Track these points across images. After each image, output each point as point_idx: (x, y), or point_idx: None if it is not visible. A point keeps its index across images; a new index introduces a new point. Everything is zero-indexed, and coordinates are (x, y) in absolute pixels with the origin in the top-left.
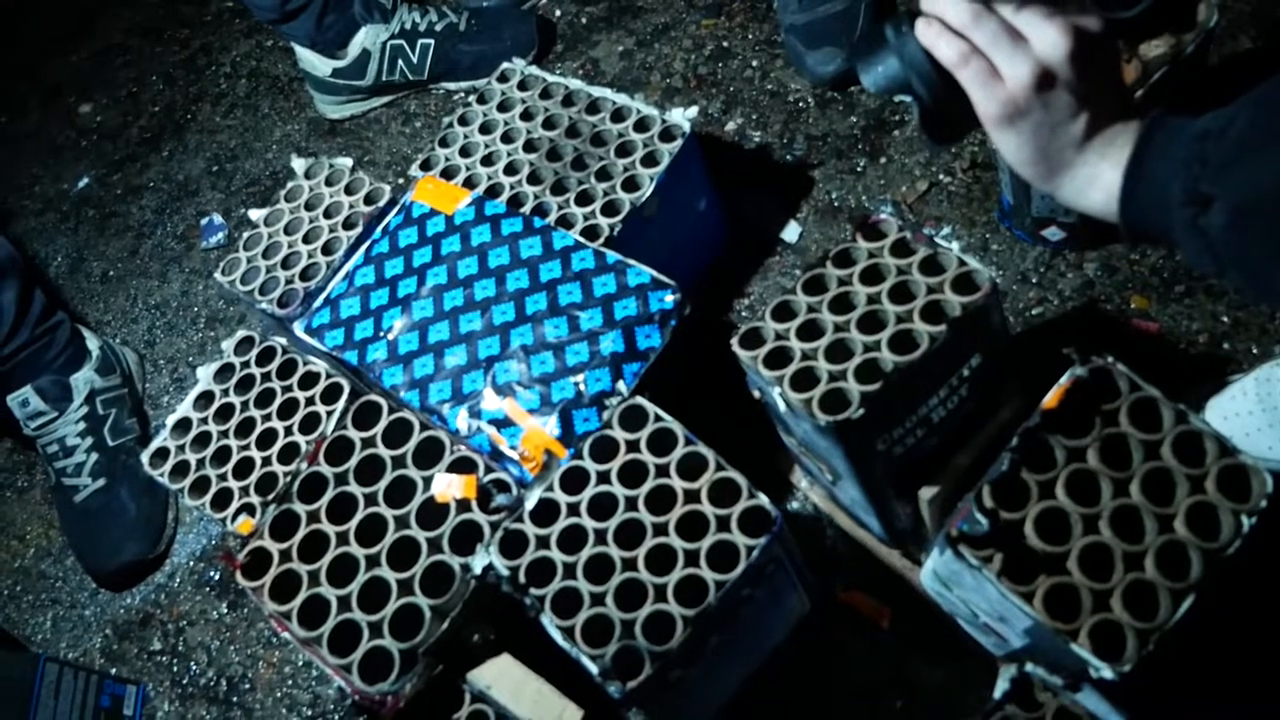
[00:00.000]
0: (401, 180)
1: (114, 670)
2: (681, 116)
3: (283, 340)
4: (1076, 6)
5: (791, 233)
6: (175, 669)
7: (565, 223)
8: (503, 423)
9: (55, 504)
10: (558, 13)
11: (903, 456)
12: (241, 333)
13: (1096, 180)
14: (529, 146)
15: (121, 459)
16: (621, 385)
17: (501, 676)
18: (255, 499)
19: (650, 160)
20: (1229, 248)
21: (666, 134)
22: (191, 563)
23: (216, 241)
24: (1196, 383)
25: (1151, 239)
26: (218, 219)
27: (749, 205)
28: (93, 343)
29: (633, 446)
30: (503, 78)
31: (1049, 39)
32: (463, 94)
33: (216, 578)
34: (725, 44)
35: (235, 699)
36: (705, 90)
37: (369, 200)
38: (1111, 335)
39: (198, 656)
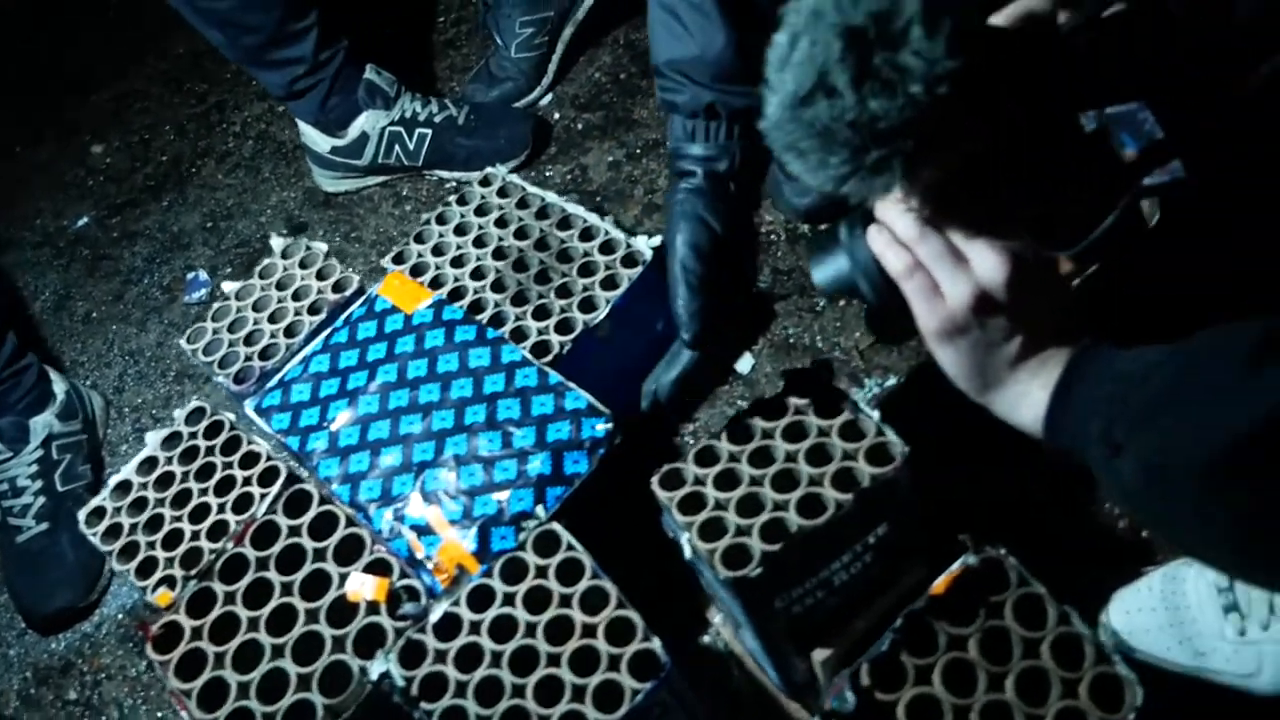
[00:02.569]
0: (382, 262)
1: (26, 719)
2: (645, 244)
3: (233, 416)
4: (1019, 235)
5: (745, 364)
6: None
7: (520, 334)
8: (424, 530)
9: None
10: (556, 115)
11: (802, 615)
12: (194, 403)
13: (1026, 399)
14: (498, 253)
15: (68, 505)
16: (541, 509)
17: None
18: (178, 572)
19: (610, 283)
20: (1137, 495)
21: (629, 259)
22: (120, 615)
23: (198, 298)
24: (1111, 570)
25: (1073, 464)
26: (203, 275)
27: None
28: (59, 386)
29: (541, 572)
30: (485, 181)
31: (988, 264)
32: (455, 182)
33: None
34: None
35: None
36: None
37: (337, 288)
38: (1036, 513)
39: (110, 712)
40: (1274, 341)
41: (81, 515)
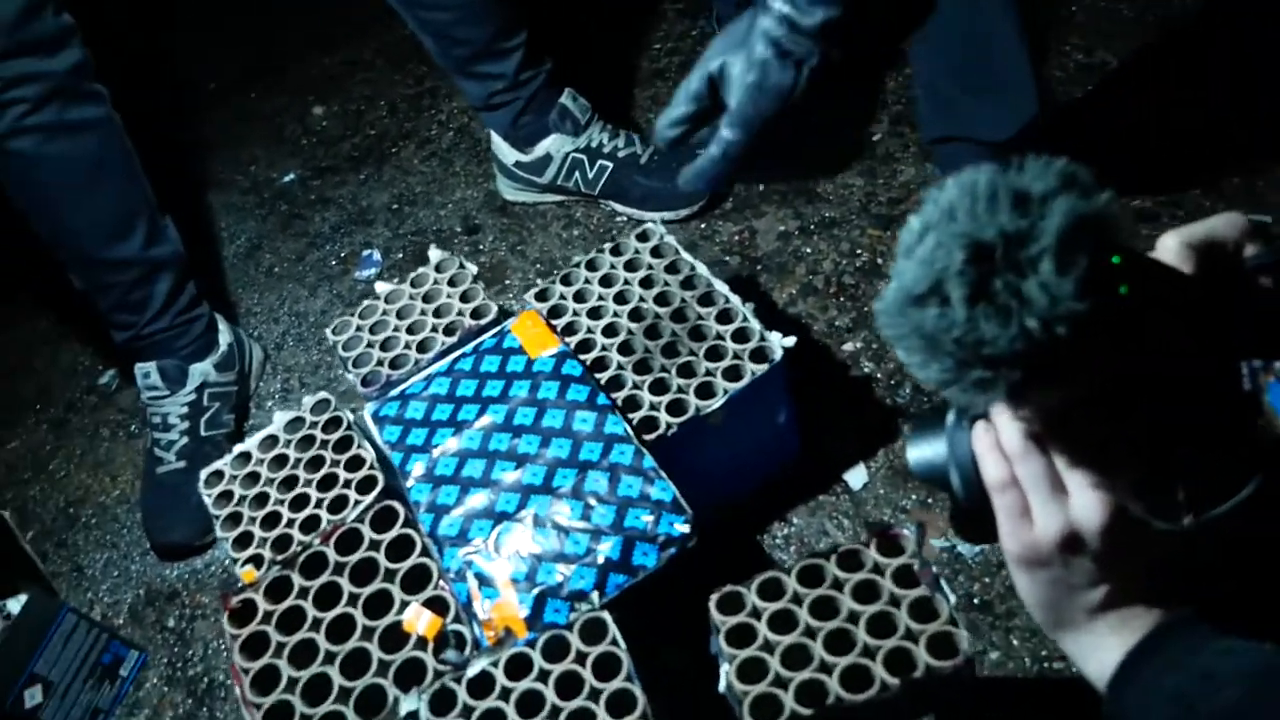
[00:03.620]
0: (526, 296)
1: (128, 631)
2: (779, 341)
3: (352, 414)
4: (1129, 489)
5: (857, 478)
6: (175, 650)
7: (633, 403)
8: (486, 581)
9: (145, 464)
10: None
11: None
12: (321, 394)
13: (1097, 653)
14: (635, 314)
15: (206, 450)
16: (596, 595)
17: None
18: (268, 553)
19: (733, 374)
20: None
21: (758, 353)
22: (228, 561)
23: (367, 276)
24: None
25: None
26: (376, 255)
27: (829, 432)
28: (224, 337)
29: (581, 659)
30: (643, 236)
31: (1087, 506)
32: (627, 217)
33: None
34: (880, 260)
35: (208, 702)
36: (841, 300)
37: (476, 314)
38: None
39: (196, 649)
40: None
41: (203, 474)
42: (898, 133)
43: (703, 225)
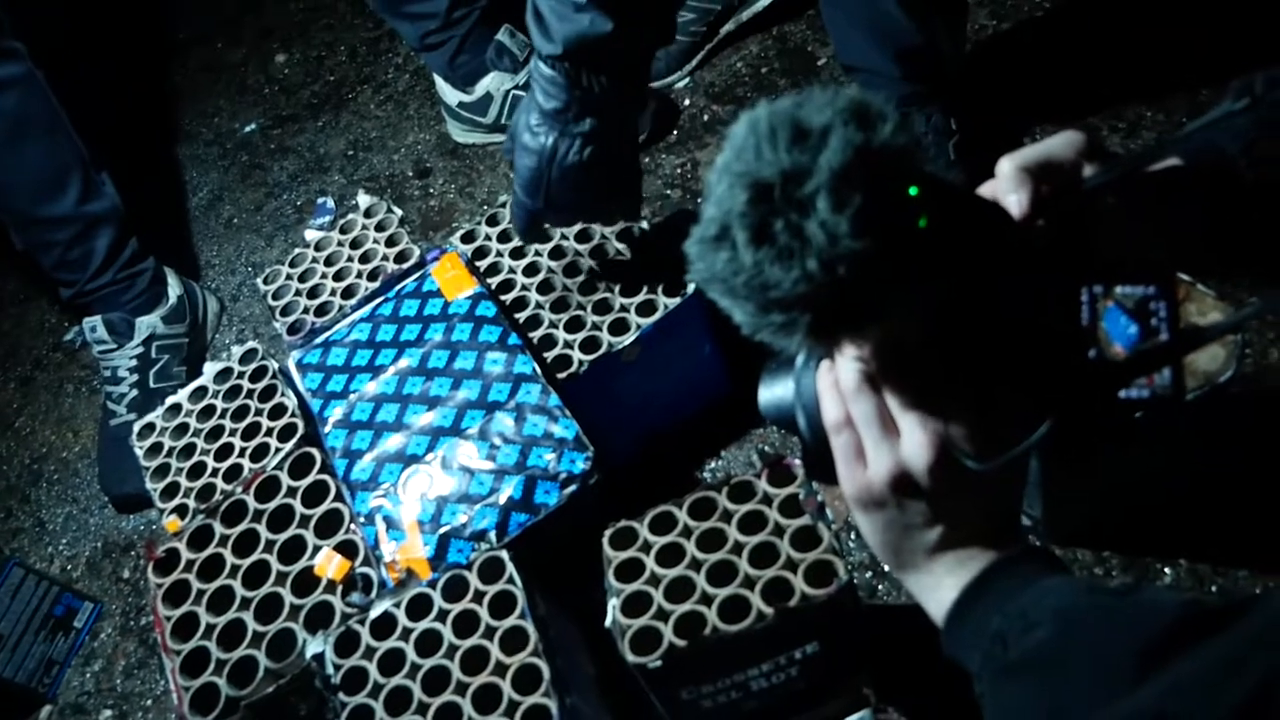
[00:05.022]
0: (453, 239)
1: (85, 584)
2: None
3: (277, 364)
4: (955, 429)
5: None
6: (129, 601)
7: (549, 341)
8: (394, 523)
9: (100, 417)
10: (686, 101)
11: (713, 711)
12: (250, 344)
13: (935, 593)
14: (556, 252)
15: (156, 402)
16: (493, 536)
17: None
18: (192, 503)
19: (647, 308)
20: None
21: (673, 287)
22: None
23: (320, 225)
24: None
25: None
26: (330, 203)
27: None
28: (174, 290)
29: (478, 597)
30: None
31: (915, 445)
32: None
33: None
34: None
35: (159, 650)
36: None
37: (400, 258)
38: None
39: (148, 599)
40: (1167, 646)
41: (136, 427)
42: None
43: (646, 159)
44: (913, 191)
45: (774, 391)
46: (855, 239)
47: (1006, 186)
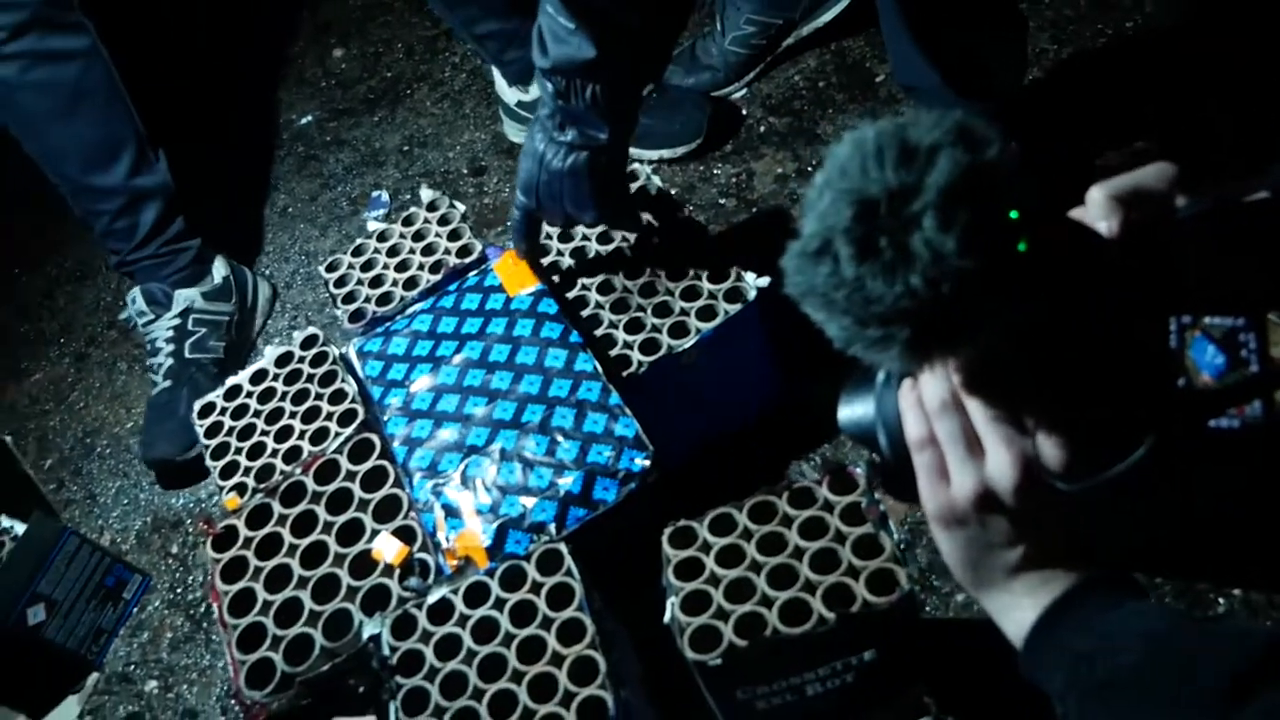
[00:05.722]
0: None
1: (134, 556)
2: (753, 281)
3: (338, 350)
4: (1044, 449)
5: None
6: (176, 576)
7: (609, 341)
8: (452, 511)
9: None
10: (743, 112)
11: (766, 713)
12: (310, 329)
13: (1014, 612)
14: (616, 255)
15: (191, 371)
16: (553, 528)
17: None
18: (251, 482)
19: (706, 314)
20: None
21: (733, 293)
22: None
23: (375, 217)
24: None
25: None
26: (384, 196)
27: (811, 374)
28: (220, 271)
29: (536, 588)
30: (631, 176)
31: (1000, 464)
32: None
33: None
34: None
35: (205, 626)
36: None
37: (462, 252)
38: None
39: (197, 575)
40: (1257, 677)
41: (197, 405)
42: None
43: (700, 167)
44: (1013, 215)
45: (854, 409)
46: (960, 257)
47: (1097, 214)
